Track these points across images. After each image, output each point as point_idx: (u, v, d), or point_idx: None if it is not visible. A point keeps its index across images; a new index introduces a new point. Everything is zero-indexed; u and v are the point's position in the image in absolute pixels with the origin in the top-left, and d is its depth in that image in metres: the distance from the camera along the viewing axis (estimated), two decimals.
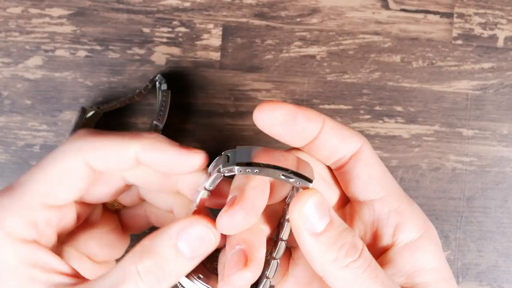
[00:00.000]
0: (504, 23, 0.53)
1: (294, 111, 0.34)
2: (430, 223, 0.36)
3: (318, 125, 0.35)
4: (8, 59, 0.51)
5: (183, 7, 0.52)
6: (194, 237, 0.33)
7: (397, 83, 0.52)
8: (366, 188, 0.36)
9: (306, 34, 0.52)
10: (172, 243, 0.33)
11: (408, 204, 0.36)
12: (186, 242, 0.33)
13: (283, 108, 0.34)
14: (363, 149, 0.36)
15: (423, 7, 0.52)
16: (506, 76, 0.52)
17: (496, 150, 0.52)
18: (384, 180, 0.36)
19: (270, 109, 0.34)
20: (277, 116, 0.34)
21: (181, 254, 0.33)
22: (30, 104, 0.51)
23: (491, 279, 0.52)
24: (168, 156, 0.35)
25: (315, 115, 0.35)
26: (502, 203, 0.52)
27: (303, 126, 0.34)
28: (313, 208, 0.33)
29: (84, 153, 0.35)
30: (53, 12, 0.51)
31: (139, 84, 0.51)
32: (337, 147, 0.35)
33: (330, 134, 0.35)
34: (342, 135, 0.35)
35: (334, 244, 0.33)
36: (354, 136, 0.36)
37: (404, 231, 0.35)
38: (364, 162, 0.36)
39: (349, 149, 0.36)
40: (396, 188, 0.36)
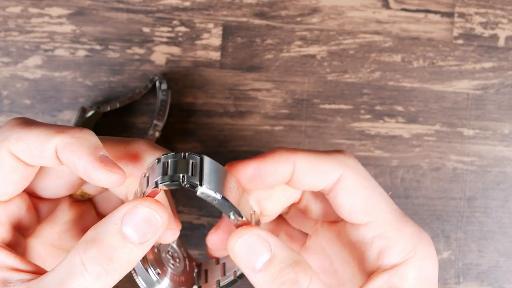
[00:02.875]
0: (505, 22, 0.52)
1: (258, 166, 0.35)
2: (424, 245, 0.36)
3: (288, 169, 0.36)
4: (8, 58, 0.51)
5: (183, 7, 0.51)
6: (140, 220, 0.31)
7: (398, 82, 0.52)
8: (350, 216, 0.36)
9: (306, 33, 0.52)
10: (116, 229, 0.31)
11: (396, 227, 0.36)
12: (131, 227, 0.31)
13: (248, 166, 0.36)
14: (343, 178, 0.36)
15: (423, 7, 0.52)
16: (507, 75, 0.52)
17: (497, 150, 0.52)
18: (369, 207, 0.36)
19: (238, 170, 0.36)
20: (246, 174, 0.36)
21: (128, 240, 0.31)
22: (29, 103, 0.51)
23: (492, 279, 0.52)
24: (82, 165, 0.32)
25: (283, 161, 0.36)
26: (503, 203, 0.52)
27: (272, 177, 0.36)
28: (245, 248, 0.33)
29: (8, 144, 0.33)
30: (53, 11, 0.51)
31: (139, 84, 0.51)
32: (313, 183, 0.36)
33: (304, 173, 0.36)
34: (317, 171, 0.36)
35: (273, 282, 0.33)
36: (330, 169, 0.36)
37: (387, 257, 0.36)
38: (346, 192, 0.36)
39: (327, 182, 0.36)
40: (384, 212, 0.36)
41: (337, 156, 0.36)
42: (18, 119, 0.34)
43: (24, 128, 0.33)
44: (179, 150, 0.35)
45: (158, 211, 0.32)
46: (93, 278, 0.31)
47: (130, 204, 0.32)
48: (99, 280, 0.31)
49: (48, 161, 0.33)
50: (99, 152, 0.32)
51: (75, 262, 0.31)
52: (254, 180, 0.36)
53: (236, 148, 0.51)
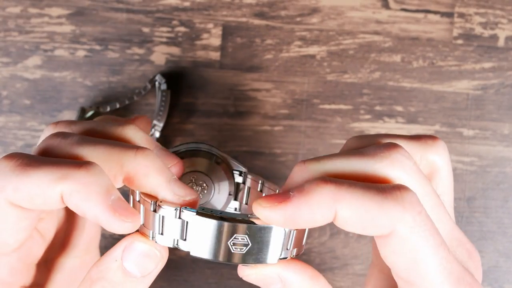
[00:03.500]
0: (505, 22, 0.52)
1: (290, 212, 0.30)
2: None
3: (327, 216, 0.30)
4: (7, 58, 0.51)
5: (183, 7, 0.51)
6: (138, 256, 0.31)
7: (398, 83, 0.52)
8: (392, 268, 0.32)
9: (306, 33, 0.52)
10: (118, 265, 0.31)
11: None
12: (131, 262, 0.31)
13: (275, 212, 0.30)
14: (393, 236, 0.30)
15: (423, 7, 0.52)
16: (506, 76, 0.52)
17: (496, 150, 0.52)
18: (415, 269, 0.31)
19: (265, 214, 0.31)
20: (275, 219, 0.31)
21: (130, 275, 0.31)
22: (29, 104, 0.51)
23: (492, 279, 0.52)
24: (93, 214, 0.30)
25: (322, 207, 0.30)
26: (503, 203, 0.52)
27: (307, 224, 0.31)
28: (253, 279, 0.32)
29: (6, 195, 0.30)
30: (52, 11, 0.51)
31: (138, 84, 0.51)
32: (359, 232, 0.31)
33: (347, 224, 0.30)
34: (363, 225, 0.30)
35: None
36: (380, 224, 0.30)
37: None
38: (392, 248, 0.31)
39: (374, 234, 0.31)
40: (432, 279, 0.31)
41: (391, 208, 0.30)
42: (11, 160, 0.31)
43: (21, 174, 0.30)
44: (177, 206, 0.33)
45: (156, 245, 0.31)
46: None
47: (127, 240, 0.31)
48: None
49: (53, 207, 0.31)
50: (111, 197, 0.30)
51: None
52: (286, 224, 0.31)
53: (236, 148, 0.51)
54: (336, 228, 0.51)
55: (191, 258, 0.41)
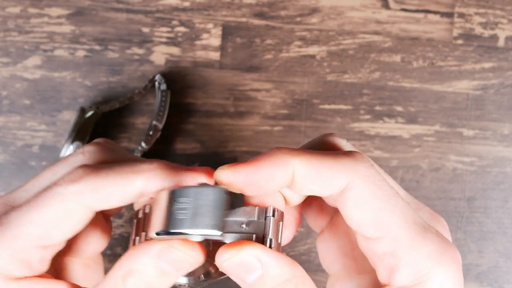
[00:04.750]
0: (505, 22, 0.52)
1: (251, 172, 0.32)
2: (444, 268, 0.32)
3: (286, 174, 0.32)
4: (7, 59, 0.51)
5: (183, 7, 0.51)
6: (174, 260, 0.32)
7: (398, 83, 0.52)
8: (358, 228, 0.33)
9: (306, 33, 0.52)
10: (152, 263, 0.32)
11: (409, 245, 0.32)
12: (168, 263, 0.32)
13: (239, 173, 0.32)
14: (350, 187, 0.32)
15: (423, 7, 0.52)
16: (506, 76, 0.52)
17: (496, 150, 0.52)
18: (379, 221, 0.32)
19: (228, 177, 0.32)
20: (238, 181, 0.32)
21: (165, 272, 0.32)
22: (29, 104, 0.51)
23: (491, 279, 0.52)
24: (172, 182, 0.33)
25: (279, 165, 0.32)
26: (503, 204, 0.52)
27: (268, 184, 0.32)
28: (234, 266, 0.32)
29: (84, 197, 0.32)
30: (52, 11, 0.51)
31: (138, 84, 0.51)
32: (316, 190, 0.32)
33: (305, 180, 0.32)
34: (320, 178, 0.32)
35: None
36: (335, 176, 0.32)
37: (396, 277, 0.32)
38: (352, 202, 0.32)
39: (332, 190, 0.32)
40: (397, 227, 0.32)
41: (344, 161, 0.32)
42: (84, 168, 0.33)
43: (97, 178, 0.32)
44: None
45: (190, 253, 0.32)
46: None
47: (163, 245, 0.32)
48: None
49: (129, 201, 0.33)
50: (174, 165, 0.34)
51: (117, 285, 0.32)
52: (248, 187, 0.32)
53: (236, 148, 0.51)
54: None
55: None
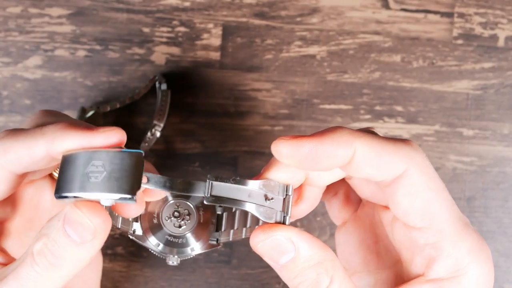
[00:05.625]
0: (505, 22, 0.52)
1: (315, 146, 0.31)
2: (479, 265, 0.33)
3: (347, 154, 0.32)
4: (8, 58, 0.51)
5: (183, 7, 0.51)
6: (76, 223, 0.32)
7: (398, 83, 0.52)
8: (404, 216, 0.33)
9: (306, 33, 0.52)
10: (60, 225, 0.32)
11: (452, 239, 0.33)
12: (71, 227, 0.32)
13: (303, 145, 0.32)
14: (406, 175, 0.32)
15: (423, 7, 0.52)
16: (506, 76, 0.52)
17: (496, 150, 0.52)
18: (427, 211, 0.32)
19: (290, 147, 0.32)
20: (300, 153, 0.32)
21: (69, 238, 0.32)
22: (29, 104, 0.51)
23: None
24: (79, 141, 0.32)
25: (343, 144, 0.32)
26: (503, 203, 0.52)
27: (328, 160, 0.32)
28: (269, 247, 0.32)
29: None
30: (53, 11, 0.51)
31: (138, 84, 0.51)
32: (373, 174, 0.33)
33: (364, 162, 0.32)
34: (379, 162, 0.32)
35: (294, 279, 0.33)
36: (394, 162, 0.32)
37: (434, 268, 0.33)
38: (406, 190, 0.32)
39: (388, 175, 0.32)
40: (443, 220, 0.33)
41: (403, 148, 0.32)
42: (4, 131, 0.34)
43: (9, 140, 0.33)
44: None
45: (91, 217, 0.32)
46: (40, 269, 0.32)
47: (71, 205, 0.32)
48: (47, 272, 0.32)
49: (42, 164, 0.34)
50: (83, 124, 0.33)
51: (28, 252, 0.32)
52: (307, 161, 0.32)
53: (236, 148, 0.52)
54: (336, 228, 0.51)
55: (191, 258, 0.41)
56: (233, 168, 0.51)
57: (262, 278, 0.51)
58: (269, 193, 0.33)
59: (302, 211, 0.36)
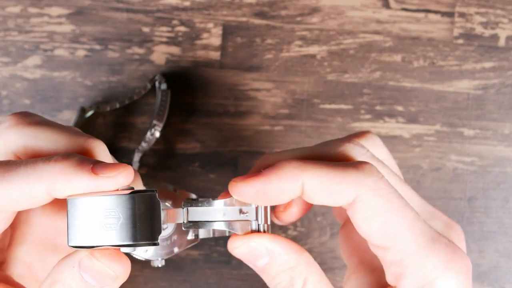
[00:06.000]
0: (506, 22, 0.52)
1: (262, 185, 0.33)
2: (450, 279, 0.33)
3: (295, 188, 0.33)
4: (7, 58, 0.51)
5: (183, 7, 0.51)
6: (95, 271, 0.31)
7: (398, 82, 0.52)
8: (367, 237, 0.34)
9: (306, 33, 0.52)
10: (75, 272, 0.31)
11: (416, 257, 0.33)
12: (89, 275, 0.31)
13: (250, 186, 0.33)
14: (358, 201, 0.33)
15: (424, 6, 0.52)
16: (507, 75, 0.52)
17: (497, 150, 0.52)
18: (386, 232, 0.33)
19: (240, 190, 0.34)
20: (250, 193, 0.34)
21: (87, 284, 0.31)
22: (29, 103, 0.51)
23: (492, 280, 0.52)
24: (84, 187, 0.31)
25: (289, 179, 0.33)
26: (504, 203, 0.52)
27: (279, 196, 0.34)
28: (243, 253, 0.35)
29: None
30: (52, 11, 0.51)
31: (138, 84, 0.51)
32: (326, 202, 0.33)
33: (314, 193, 0.33)
34: (329, 192, 0.33)
35: (272, 280, 0.35)
36: (343, 191, 0.33)
37: (402, 284, 0.34)
38: (362, 215, 0.33)
39: (341, 203, 0.33)
40: (404, 239, 0.33)
41: (352, 174, 0.33)
42: None
43: (1, 180, 0.31)
44: None
45: (112, 266, 0.31)
46: None
47: (84, 254, 0.31)
48: None
49: (40, 203, 0.32)
50: (89, 164, 0.31)
51: None
52: (259, 198, 0.34)
53: (236, 148, 0.51)
54: (337, 228, 0.51)
55: (191, 258, 0.41)
56: (233, 168, 0.51)
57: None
58: (243, 207, 0.35)
59: (293, 215, 0.37)
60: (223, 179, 0.51)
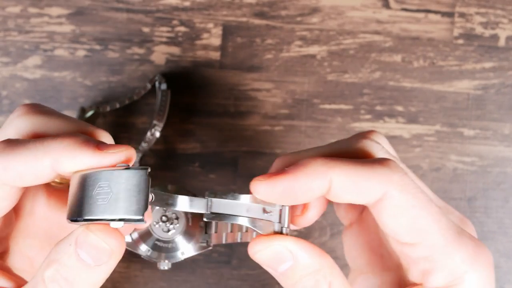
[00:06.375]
0: (506, 22, 0.52)
1: (289, 183, 0.32)
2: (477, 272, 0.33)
3: (323, 186, 0.32)
4: (7, 58, 0.51)
5: (183, 7, 0.51)
6: (90, 246, 0.31)
7: (398, 82, 0.52)
8: (395, 235, 0.33)
9: (306, 33, 0.52)
10: (72, 250, 0.31)
11: (445, 251, 0.33)
12: (84, 250, 0.31)
13: (277, 184, 0.32)
14: (386, 198, 0.32)
15: (424, 7, 0.52)
16: (507, 75, 0.52)
17: (497, 150, 0.52)
18: (414, 228, 0.33)
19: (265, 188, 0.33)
20: (275, 192, 0.33)
21: (83, 262, 0.31)
22: None
23: None
24: (88, 162, 0.31)
25: (318, 177, 0.32)
26: (504, 204, 0.52)
27: (305, 195, 0.33)
28: (267, 257, 0.33)
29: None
30: (52, 11, 0.51)
31: (138, 84, 0.51)
32: (354, 200, 0.33)
33: (342, 191, 0.32)
34: (357, 189, 0.32)
35: (294, 285, 0.33)
36: (372, 187, 0.32)
37: (430, 280, 0.34)
38: (389, 212, 0.32)
39: (369, 200, 0.33)
40: (432, 234, 0.33)
41: (381, 171, 0.32)
42: (3, 143, 0.32)
43: (10, 154, 0.32)
44: None
45: (107, 239, 0.31)
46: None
47: (81, 228, 0.31)
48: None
49: (46, 179, 0.32)
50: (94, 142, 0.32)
51: (39, 280, 0.31)
52: (284, 197, 0.33)
53: (236, 148, 0.51)
54: (337, 228, 0.51)
55: (191, 258, 0.41)
56: (233, 168, 0.51)
57: (262, 279, 0.51)
58: (267, 206, 0.34)
59: (310, 219, 0.37)
60: (223, 179, 0.51)
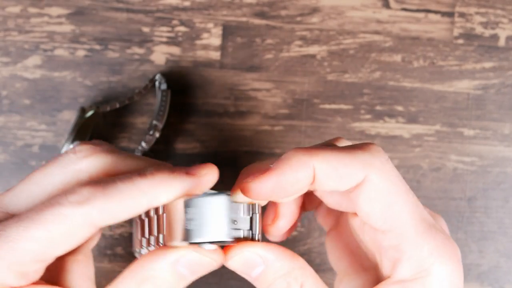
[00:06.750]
0: (506, 22, 0.52)
1: (277, 179, 0.33)
2: (444, 266, 0.34)
3: (308, 175, 0.33)
4: (7, 58, 0.51)
5: (183, 7, 0.51)
6: (193, 264, 0.34)
7: (398, 82, 0.52)
8: (368, 219, 0.34)
9: (306, 33, 0.52)
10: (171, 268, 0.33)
11: (413, 241, 0.34)
12: (186, 268, 0.34)
13: (266, 182, 0.33)
14: (366, 181, 0.33)
15: (424, 6, 0.52)
16: (507, 75, 0.52)
17: (497, 150, 0.52)
18: (388, 214, 0.33)
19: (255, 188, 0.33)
20: (266, 190, 0.33)
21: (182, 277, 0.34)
22: (29, 103, 0.51)
23: (492, 280, 0.52)
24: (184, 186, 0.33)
25: (302, 167, 0.33)
26: (504, 203, 0.52)
27: (294, 187, 0.33)
28: (240, 263, 0.35)
29: (91, 218, 0.31)
30: (52, 11, 0.51)
31: (138, 84, 0.51)
32: (336, 186, 0.34)
33: (325, 177, 0.33)
34: (339, 174, 0.33)
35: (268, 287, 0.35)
36: (353, 172, 0.33)
37: (398, 270, 0.34)
38: (367, 195, 0.33)
39: (350, 184, 0.34)
40: (404, 223, 0.34)
41: (362, 156, 0.33)
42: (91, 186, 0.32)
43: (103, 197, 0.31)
44: None
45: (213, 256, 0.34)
46: None
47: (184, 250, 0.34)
48: None
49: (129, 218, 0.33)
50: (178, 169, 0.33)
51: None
52: (275, 193, 0.33)
53: (236, 148, 0.51)
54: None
55: None
56: (233, 168, 0.51)
57: None
58: (232, 215, 0.35)
59: (281, 228, 0.38)
60: (223, 179, 0.51)
